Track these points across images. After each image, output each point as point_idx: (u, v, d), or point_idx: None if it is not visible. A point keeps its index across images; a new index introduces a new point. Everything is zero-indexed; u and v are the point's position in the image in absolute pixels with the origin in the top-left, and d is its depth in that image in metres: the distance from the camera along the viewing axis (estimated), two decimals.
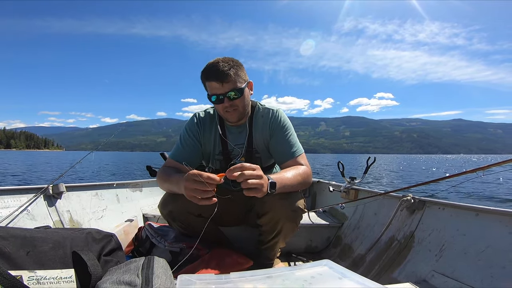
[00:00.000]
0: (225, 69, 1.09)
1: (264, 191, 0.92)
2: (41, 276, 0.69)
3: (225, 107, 1.17)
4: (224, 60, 1.11)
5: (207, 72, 1.13)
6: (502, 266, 0.87)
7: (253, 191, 0.89)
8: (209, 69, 1.12)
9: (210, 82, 1.12)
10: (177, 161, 1.26)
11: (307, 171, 1.20)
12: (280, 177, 1.03)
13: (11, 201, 1.37)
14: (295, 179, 1.11)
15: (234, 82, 1.12)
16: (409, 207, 1.33)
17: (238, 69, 1.14)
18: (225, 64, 1.10)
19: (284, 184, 1.04)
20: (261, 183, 0.90)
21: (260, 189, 0.89)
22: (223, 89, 1.11)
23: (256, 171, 0.90)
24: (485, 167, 1.05)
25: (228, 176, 0.88)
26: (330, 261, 0.85)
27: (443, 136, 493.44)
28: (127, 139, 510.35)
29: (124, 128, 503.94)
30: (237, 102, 1.16)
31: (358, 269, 1.39)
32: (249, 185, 0.87)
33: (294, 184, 1.10)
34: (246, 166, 0.88)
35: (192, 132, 1.31)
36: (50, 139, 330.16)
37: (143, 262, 0.80)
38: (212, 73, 1.10)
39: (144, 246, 1.38)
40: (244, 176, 0.86)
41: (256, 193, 0.90)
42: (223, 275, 0.76)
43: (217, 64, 1.10)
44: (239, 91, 1.14)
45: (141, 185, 2.27)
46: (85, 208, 1.70)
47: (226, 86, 1.11)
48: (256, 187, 0.88)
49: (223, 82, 1.10)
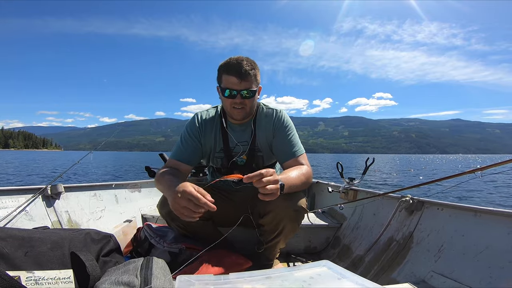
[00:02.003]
0: (247, 68, 1.14)
1: (278, 194, 0.94)
2: (39, 277, 0.68)
3: (234, 103, 1.19)
4: (247, 60, 1.16)
5: (230, 66, 1.16)
6: (501, 266, 0.87)
7: (269, 196, 0.91)
8: (233, 64, 1.15)
9: (229, 76, 1.15)
10: (178, 160, 1.27)
11: (309, 171, 1.22)
12: (286, 178, 1.05)
13: (9, 202, 1.36)
14: (299, 179, 1.12)
15: (251, 83, 1.17)
16: (407, 207, 1.33)
17: (257, 72, 1.19)
18: (248, 64, 1.15)
19: (291, 185, 1.05)
20: (277, 187, 0.92)
21: (276, 193, 0.92)
22: (239, 86, 1.15)
23: (273, 176, 0.92)
24: (483, 167, 1.05)
25: (245, 181, 0.89)
26: (329, 262, 0.85)
27: (442, 136, 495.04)
28: (126, 139, 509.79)
29: (123, 128, 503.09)
30: (247, 102, 1.20)
31: (357, 270, 1.39)
32: (267, 191, 0.89)
33: (298, 184, 1.12)
34: (264, 173, 0.90)
35: (192, 132, 1.32)
36: (49, 138, 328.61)
37: (142, 262, 0.80)
38: (234, 69, 1.14)
39: (142, 246, 1.38)
40: (262, 184, 0.88)
41: (272, 198, 0.92)
42: (222, 276, 0.76)
43: (241, 62, 1.14)
44: (252, 92, 1.19)
45: (139, 185, 2.26)
46: (83, 208, 1.69)
47: (243, 84, 1.15)
48: (273, 192, 0.90)
49: (242, 80, 1.14)
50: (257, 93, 1.27)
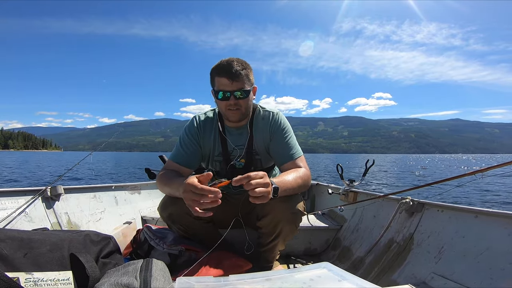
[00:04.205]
0: (238, 68, 1.13)
1: (270, 197, 0.93)
2: (39, 278, 0.68)
3: (229, 105, 1.18)
4: (238, 61, 1.16)
5: (220, 68, 1.16)
6: (502, 268, 0.87)
7: (259, 199, 0.90)
8: (223, 65, 1.15)
9: (220, 77, 1.15)
10: (177, 163, 1.26)
11: (306, 173, 1.21)
12: (281, 181, 1.05)
13: (8, 203, 1.36)
14: (296, 182, 1.12)
15: (243, 83, 1.16)
16: (408, 209, 1.33)
17: (249, 72, 1.19)
18: (239, 64, 1.15)
19: (286, 188, 1.05)
20: (268, 190, 0.91)
21: (266, 196, 0.91)
22: (231, 87, 1.15)
23: (263, 178, 0.91)
24: (484, 169, 1.05)
25: (234, 184, 0.88)
26: (329, 264, 0.85)
27: (441, 136, 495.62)
28: (125, 139, 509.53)
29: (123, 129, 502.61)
30: (242, 102, 1.19)
31: (357, 272, 1.39)
32: (256, 193, 0.88)
33: (295, 187, 1.11)
34: (252, 175, 0.89)
35: (191, 134, 1.31)
36: (48, 139, 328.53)
37: (141, 264, 0.79)
38: (225, 70, 1.14)
39: (142, 248, 1.37)
40: (251, 186, 0.87)
41: (262, 201, 0.91)
42: (222, 278, 0.76)
43: (231, 63, 1.14)
44: (246, 92, 1.18)
45: (139, 187, 2.26)
46: (83, 210, 1.69)
47: (235, 84, 1.15)
48: (263, 195, 0.89)
49: (233, 81, 1.14)
50: (252, 93, 1.26)
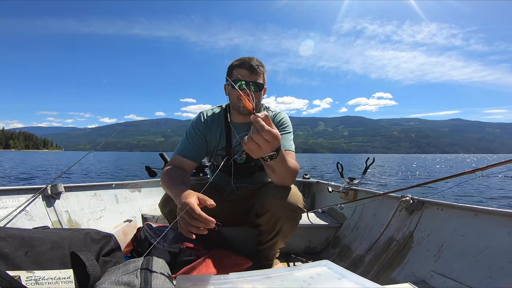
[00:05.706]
0: (257, 64, 1.25)
1: (265, 152, 0.84)
2: (40, 277, 0.68)
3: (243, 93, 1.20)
4: (257, 59, 1.28)
5: (242, 60, 1.26)
6: (501, 266, 0.87)
7: (255, 145, 0.80)
8: (244, 59, 1.26)
9: (241, 69, 1.24)
10: (184, 156, 1.30)
11: (297, 165, 1.18)
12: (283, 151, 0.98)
13: (9, 201, 1.37)
14: (291, 162, 1.08)
15: (260, 78, 1.27)
16: (408, 207, 1.33)
17: (264, 71, 1.31)
18: (258, 61, 1.27)
19: (284, 159, 1.00)
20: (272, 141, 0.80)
21: (264, 147, 0.80)
22: (249, 78, 1.24)
23: (277, 134, 0.80)
24: (484, 167, 1.05)
25: (252, 119, 0.77)
26: (329, 262, 0.85)
27: (441, 136, 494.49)
28: (126, 139, 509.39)
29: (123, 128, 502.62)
30: (255, 95, 1.24)
31: (357, 270, 1.39)
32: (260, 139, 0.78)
33: (289, 166, 1.05)
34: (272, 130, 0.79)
35: (198, 128, 1.36)
36: (49, 139, 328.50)
37: (142, 262, 0.79)
38: (246, 64, 1.25)
39: (143, 246, 1.38)
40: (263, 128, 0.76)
41: (258, 151, 0.82)
42: (222, 276, 0.76)
43: (252, 59, 1.27)
44: (260, 86, 1.27)
45: (140, 185, 2.26)
46: (83, 208, 1.70)
47: (253, 77, 1.25)
48: (261, 145, 0.79)
49: (252, 73, 1.24)
50: (263, 91, 1.33)
